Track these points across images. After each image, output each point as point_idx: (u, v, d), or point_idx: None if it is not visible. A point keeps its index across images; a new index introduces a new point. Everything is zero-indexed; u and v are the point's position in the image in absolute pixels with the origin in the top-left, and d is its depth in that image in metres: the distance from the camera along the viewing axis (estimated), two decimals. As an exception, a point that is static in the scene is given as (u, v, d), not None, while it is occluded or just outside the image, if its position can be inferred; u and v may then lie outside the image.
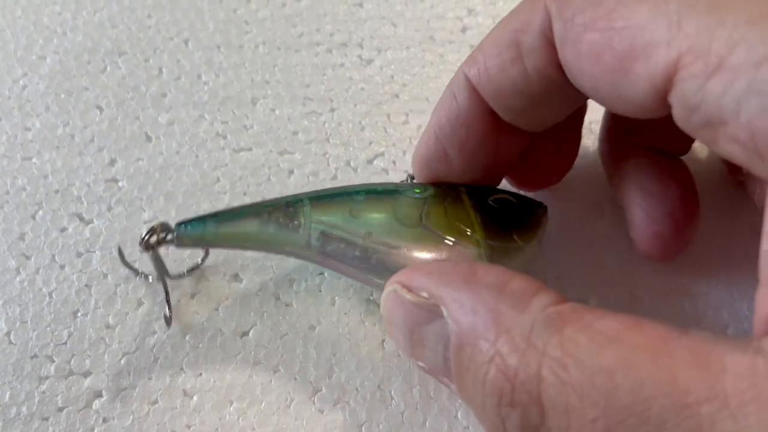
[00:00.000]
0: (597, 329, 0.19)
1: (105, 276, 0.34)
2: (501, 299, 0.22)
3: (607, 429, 0.18)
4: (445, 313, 0.23)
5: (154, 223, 0.30)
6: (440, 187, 0.31)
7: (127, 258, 0.33)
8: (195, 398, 0.31)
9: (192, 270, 0.33)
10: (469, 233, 0.29)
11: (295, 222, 0.29)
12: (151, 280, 0.33)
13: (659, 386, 0.17)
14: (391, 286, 0.26)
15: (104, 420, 0.30)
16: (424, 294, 0.24)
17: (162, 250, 0.31)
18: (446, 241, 0.28)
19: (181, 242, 0.30)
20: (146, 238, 0.30)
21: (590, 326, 0.19)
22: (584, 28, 0.22)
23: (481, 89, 0.28)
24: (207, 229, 0.30)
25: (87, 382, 0.31)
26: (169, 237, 0.30)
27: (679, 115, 0.21)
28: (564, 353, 0.19)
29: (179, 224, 0.30)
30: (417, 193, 0.30)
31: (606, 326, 0.19)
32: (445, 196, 0.30)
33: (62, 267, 0.34)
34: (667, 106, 0.21)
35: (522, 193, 0.32)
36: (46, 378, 0.31)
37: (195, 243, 0.30)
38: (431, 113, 0.30)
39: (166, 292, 0.31)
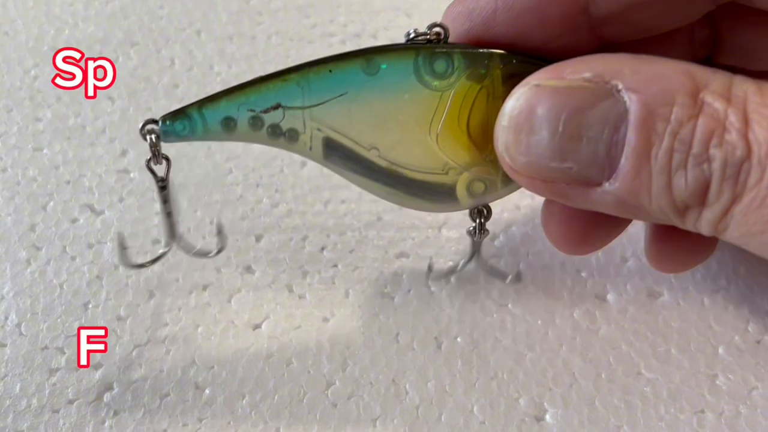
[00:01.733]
0: None
1: (116, 267, 0.33)
2: (686, 64, 0.21)
3: None
4: (620, 86, 0.21)
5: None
6: (468, 70, 0.25)
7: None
8: (207, 391, 0.30)
9: (156, 260, 0.30)
10: (486, 159, 0.26)
11: (292, 130, 0.26)
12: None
13: None
14: (529, 83, 0.23)
15: (115, 413, 0.30)
16: (586, 74, 0.22)
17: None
18: (456, 168, 0.26)
19: (168, 140, 0.26)
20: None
21: None
22: None
23: None
24: (195, 131, 0.26)
25: (98, 374, 0.30)
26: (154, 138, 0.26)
27: None
28: (764, 97, 0.20)
29: (164, 124, 0.26)
30: (435, 78, 0.25)
31: None
32: (468, 97, 0.26)
33: (73, 258, 0.33)
34: None
35: None
36: (57, 370, 0.30)
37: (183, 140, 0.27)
38: None
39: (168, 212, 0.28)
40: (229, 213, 0.35)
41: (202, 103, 0.26)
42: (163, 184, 0.27)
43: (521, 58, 0.25)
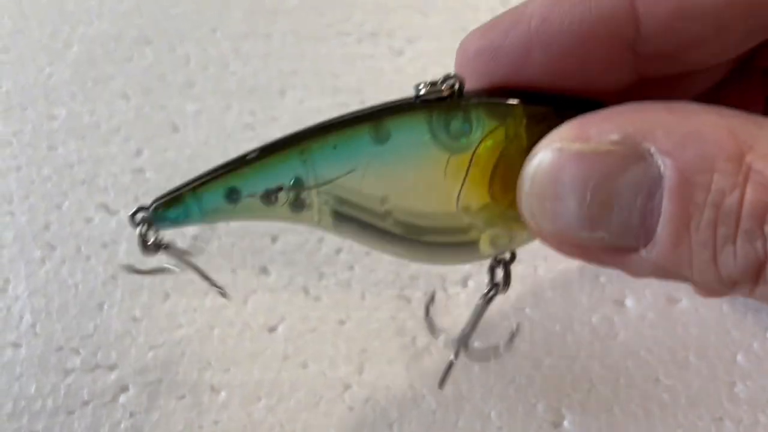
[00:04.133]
0: None
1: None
2: (727, 119, 0.19)
3: None
4: (652, 150, 0.19)
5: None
6: (488, 126, 0.23)
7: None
8: (223, 394, 0.30)
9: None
10: (510, 216, 0.24)
11: (297, 205, 0.24)
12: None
13: None
14: (551, 146, 0.21)
15: (131, 414, 0.29)
16: (614, 137, 0.20)
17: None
18: (479, 227, 0.24)
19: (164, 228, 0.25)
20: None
21: None
22: None
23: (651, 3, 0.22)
24: (191, 218, 0.24)
25: (113, 375, 0.30)
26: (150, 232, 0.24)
27: None
28: None
29: (155, 213, 0.24)
30: (452, 138, 0.23)
31: None
32: (490, 154, 0.23)
33: (88, 258, 0.33)
34: None
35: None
36: (72, 371, 0.30)
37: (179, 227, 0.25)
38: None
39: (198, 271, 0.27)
40: (245, 213, 0.35)
41: (195, 187, 0.24)
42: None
43: (546, 102, 0.23)
